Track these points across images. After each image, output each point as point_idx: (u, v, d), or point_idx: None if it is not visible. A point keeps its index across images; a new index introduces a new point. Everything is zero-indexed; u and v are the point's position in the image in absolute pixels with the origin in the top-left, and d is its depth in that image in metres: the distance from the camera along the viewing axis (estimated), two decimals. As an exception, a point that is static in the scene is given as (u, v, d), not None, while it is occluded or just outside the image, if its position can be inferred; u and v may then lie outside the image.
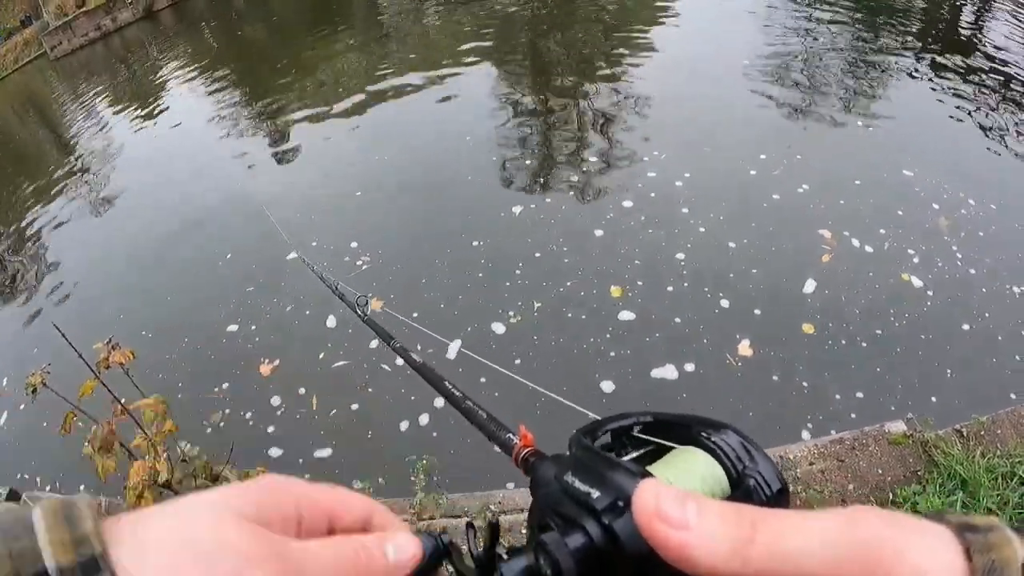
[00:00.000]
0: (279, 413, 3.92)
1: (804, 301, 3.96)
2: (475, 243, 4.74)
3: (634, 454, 0.39)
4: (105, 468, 2.51)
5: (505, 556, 0.35)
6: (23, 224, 7.87)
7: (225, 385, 4.22)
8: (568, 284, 4.21)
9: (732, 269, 4.16)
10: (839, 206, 4.80)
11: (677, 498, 0.26)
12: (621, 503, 0.31)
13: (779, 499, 0.33)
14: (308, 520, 0.35)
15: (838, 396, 3.48)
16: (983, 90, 6.63)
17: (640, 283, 4.14)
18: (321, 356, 4.16)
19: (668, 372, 3.59)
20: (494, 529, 0.36)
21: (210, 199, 6.64)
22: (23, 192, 9.12)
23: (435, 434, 3.54)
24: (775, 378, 3.57)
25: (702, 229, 4.53)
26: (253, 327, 4.63)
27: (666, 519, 0.26)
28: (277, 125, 8.33)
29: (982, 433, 2.59)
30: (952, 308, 3.94)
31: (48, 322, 5.55)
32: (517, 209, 5.06)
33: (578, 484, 0.34)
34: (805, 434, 3.21)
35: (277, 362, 4.23)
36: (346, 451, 3.57)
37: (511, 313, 4.05)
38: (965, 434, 2.59)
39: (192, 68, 11.84)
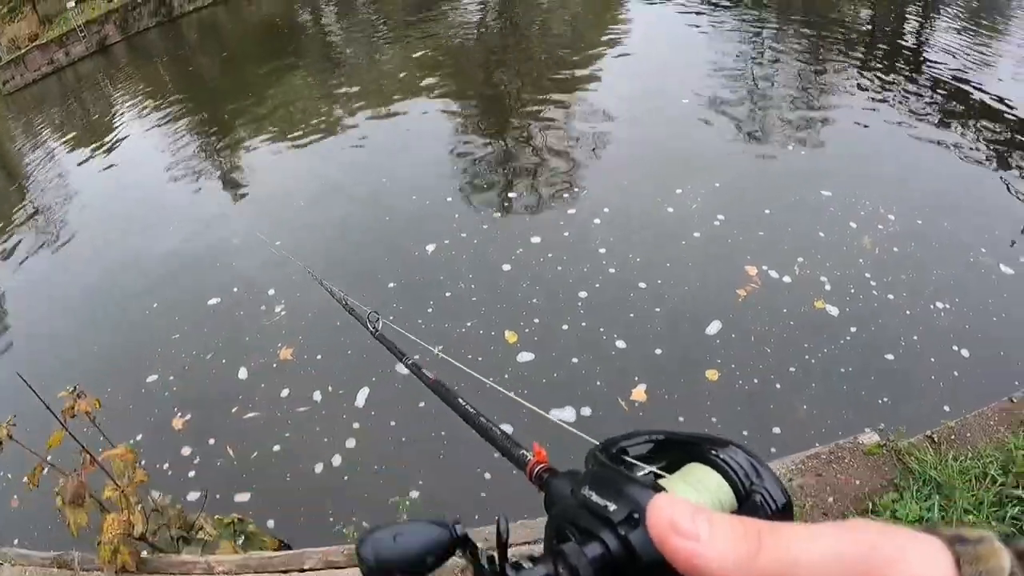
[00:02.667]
0: (196, 461, 4.11)
1: (708, 342, 4.15)
2: (390, 285, 4.98)
3: (646, 470, 0.41)
4: (77, 522, 2.51)
5: (525, 565, 0.37)
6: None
7: (139, 436, 4.40)
8: (469, 324, 4.45)
9: (634, 309, 4.38)
10: (758, 237, 5.03)
11: (689, 511, 0.28)
12: (636, 516, 0.33)
13: (784, 513, 0.36)
14: None
15: (746, 432, 3.64)
16: (915, 105, 6.99)
17: (537, 321, 4.37)
18: (234, 410, 4.33)
19: (566, 414, 3.77)
20: (501, 538, 0.41)
21: (147, 243, 6.81)
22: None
23: (346, 477, 3.75)
24: (681, 419, 3.72)
25: (612, 269, 4.77)
26: (171, 377, 4.81)
27: (679, 531, 0.28)
28: (222, 164, 8.59)
29: (952, 437, 2.72)
30: (875, 334, 4.14)
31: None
32: (430, 247, 5.31)
33: (595, 497, 0.36)
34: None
35: (189, 416, 4.41)
36: (265, 494, 3.75)
37: (416, 356, 4.26)
38: (936, 439, 2.71)
39: (145, 103, 12.11)
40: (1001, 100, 7.09)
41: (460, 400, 0.92)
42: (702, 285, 4.62)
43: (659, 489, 0.35)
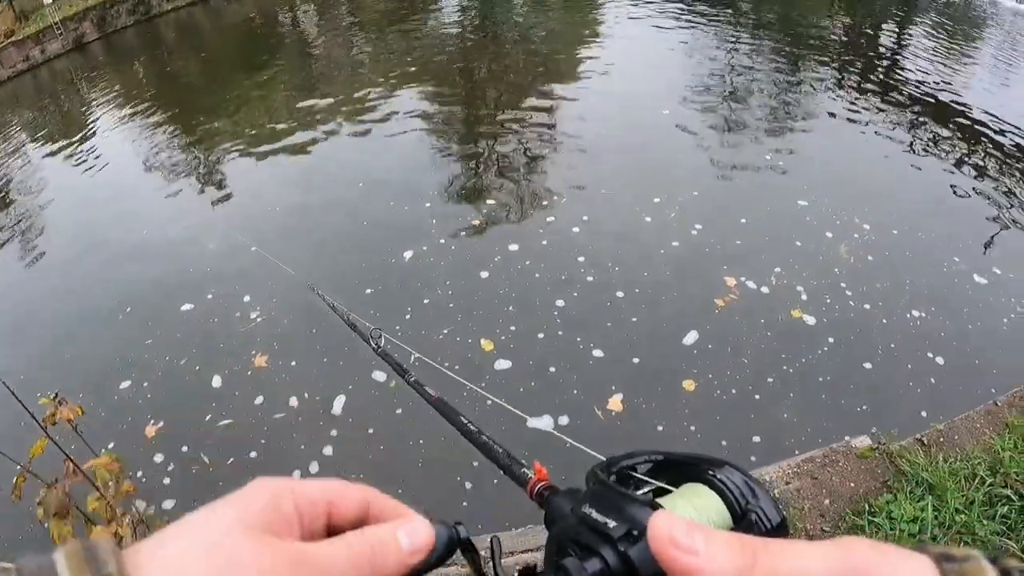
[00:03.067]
0: (170, 468, 4.04)
1: (686, 352, 4.18)
2: (367, 291, 4.95)
3: (645, 489, 0.42)
4: (62, 535, 2.32)
5: None
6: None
7: (111, 444, 4.33)
8: (446, 331, 4.44)
9: (612, 319, 4.39)
10: (735, 246, 5.08)
11: (686, 527, 0.30)
12: (636, 532, 0.35)
13: (778, 531, 0.37)
14: (307, 517, 0.36)
15: (725, 442, 3.67)
16: (890, 117, 7.12)
17: (513, 329, 4.38)
18: (208, 417, 4.26)
19: (544, 423, 3.77)
20: (496, 544, 0.43)
21: (120, 246, 6.69)
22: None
23: None
24: (659, 428, 3.75)
25: (590, 278, 4.79)
26: (144, 384, 4.73)
27: (677, 546, 0.29)
28: (198, 167, 8.47)
29: (941, 440, 2.82)
30: (853, 343, 4.20)
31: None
32: (408, 254, 5.30)
33: (595, 515, 0.37)
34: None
35: (162, 423, 4.34)
36: None
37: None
38: (926, 442, 2.81)
39: (121, 103, 11.93)
40: (974, 112, 7.25)
41: (462, 418, 0.93)
42: (680, 295, 4.65)
43: (657, 507, 0.36)
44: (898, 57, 9.33)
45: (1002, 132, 6.84)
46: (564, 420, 3.78)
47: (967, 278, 4.74)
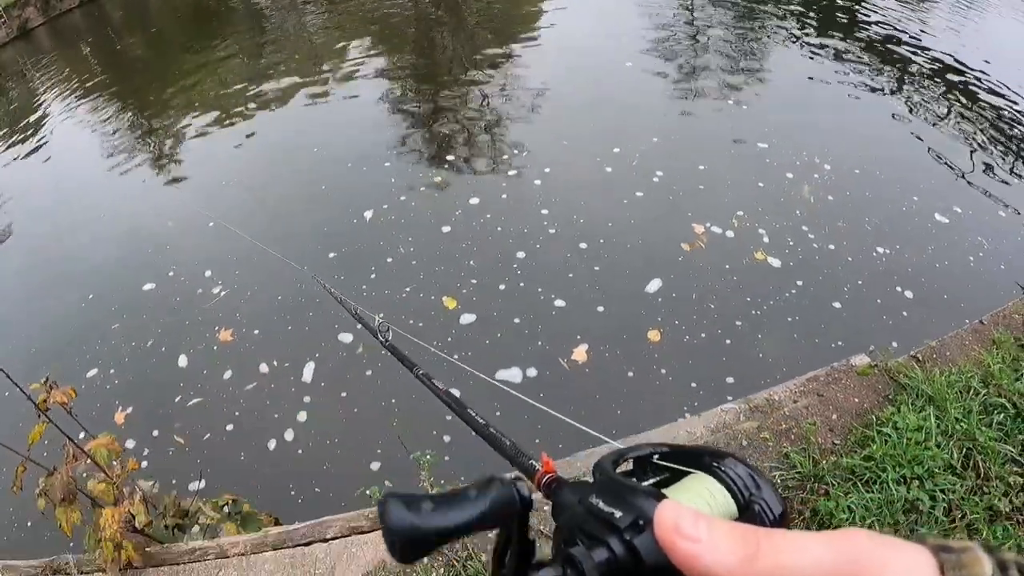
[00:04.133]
0: (145, 452, 4.01)
1: (650, 300, 4.20)
2: (331, 255, 4.91)
3: (652, 480, 0.43)
4: (71, 521, 2.36)
5: (533, 567, 0.39)
6: None
7: (81, 435, 4.27)
8: (408, 289, 4.43)
9: (573, 269, 4.40)
10: (698, 191, 5.09)
11: (691, 516, 0.30)
12: (642, 522, 0.35)
13: (781, 522, 0.38)
14: None
15: (695, 384, 3.71)
16: (850, 61, 7.13)
17: (475, 282, 4.38)
18: (177, 399, 4.22)
19: (512, 374, 3.79)
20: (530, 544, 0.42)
21: (79, 232, 6.51)
22: None
23: (300, 451, 3.72)
24: (630, 374, 3.77)
25: (552, 230, 4.78)
26: (111, 370, 4.67)
27: (682, 534, 0.30)
28: (151, 145, 8.28)
29: (934, 356, 2.97)
30: (821, 282, 4.27)
31: None
32: (368, 214, 5.25)
33: (602, 505, 0.38)
34: (681, 420, 3.37)
35: (131, 409, 4.28)
36: (220, 478, 3.62)
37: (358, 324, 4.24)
38: (920, 358, 2.96)
39: (71, 89, 11.58)
40: (933, 54, 7.32)
41: (470, 411, 0.93)
42: (644, 243, 4.66)
43: (663, 497, 0.37)
44: (859, 3, 9.29)
45: (961, 74, 6.91)
46: (532, 372, 3.80)
47: (928, 216, 4.81)
